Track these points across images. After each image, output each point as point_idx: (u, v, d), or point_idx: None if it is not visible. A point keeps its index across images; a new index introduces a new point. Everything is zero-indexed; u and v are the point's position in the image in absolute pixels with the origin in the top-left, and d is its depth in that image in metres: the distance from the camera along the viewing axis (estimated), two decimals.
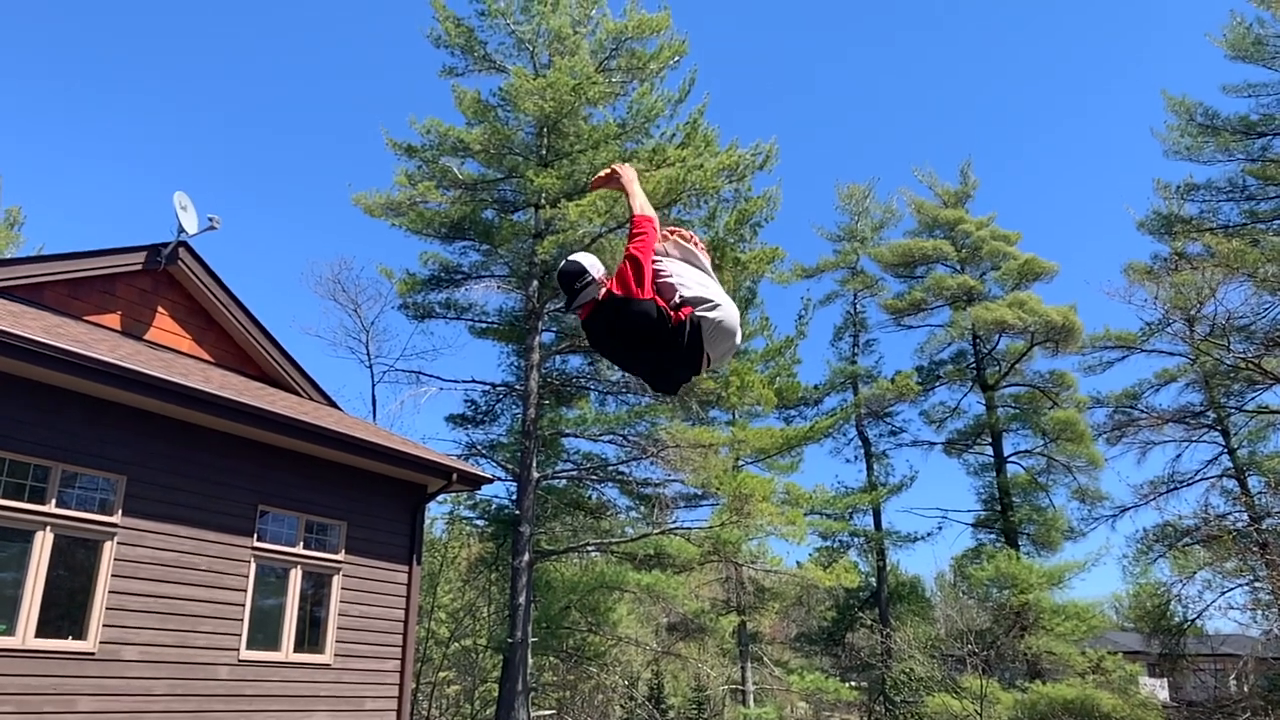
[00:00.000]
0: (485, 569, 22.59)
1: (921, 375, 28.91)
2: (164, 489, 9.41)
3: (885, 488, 29.28)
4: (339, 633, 11.01)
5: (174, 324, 11.39)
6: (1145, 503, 24.75)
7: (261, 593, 10.35)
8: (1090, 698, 20.29)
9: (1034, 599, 22.85)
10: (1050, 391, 27.11)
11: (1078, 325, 25.96)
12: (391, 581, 11.85)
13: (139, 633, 8.95)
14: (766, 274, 23.94)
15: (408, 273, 21.42)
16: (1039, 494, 26.69)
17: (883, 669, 25.42)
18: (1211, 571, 20.74)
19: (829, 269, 31.70)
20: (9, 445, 8.26)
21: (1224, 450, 24.75)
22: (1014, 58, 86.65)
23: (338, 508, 11.31)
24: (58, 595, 8.58)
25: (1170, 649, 22.46)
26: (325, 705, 10.65)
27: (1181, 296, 22.70)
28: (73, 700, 8.35)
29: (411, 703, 13.23)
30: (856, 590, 27.67)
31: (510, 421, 22.01)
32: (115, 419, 9.10)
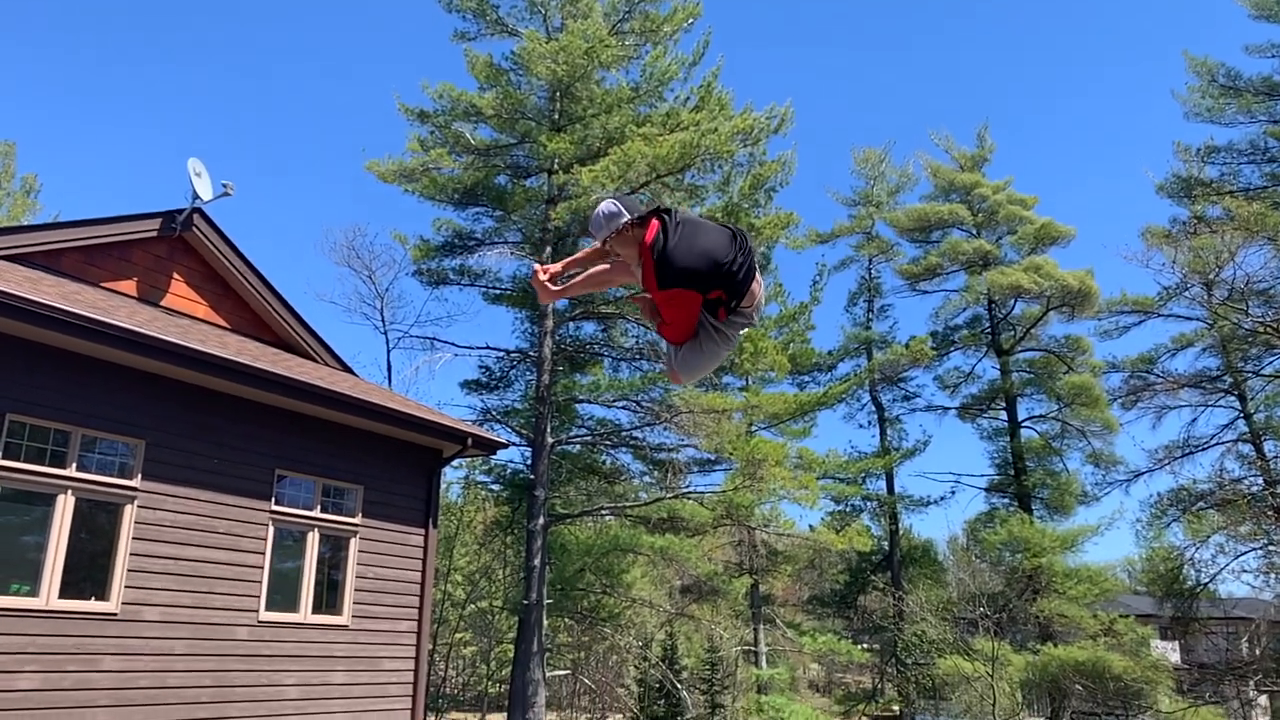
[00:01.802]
0: (500, 532, 22.80)
1: (936, 340, 28.84)
2: (183, 453, 9.54)
3: (898, 452, 29.33)
4: (356, 594, 11.17)
5: (190, 290, 11.47)
6: (1160, 467, 24.71)
7: (279, 555, 10.51)
8: (1101, 660, 20.40)
9: (1047, 563, 22.91)
10: (1065, 356, 27.01)
11: (1094, 290, 25.79)
12: (408, 544, 12.00)
13: (160, 594, 9.12)
14: (781, 239, 23.85)
15: (421, 239, 21.47)
16: (1053, 458, 26.68)
17: (894, 631, 25.60)
18: (1225, 536, 20.73)
19: (844, 234, 31.54)
20: (29, 410, 8.38)
21: (1240, 415, 24.63)
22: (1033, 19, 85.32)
23: (354, 472, 11.43)
24: (80, 558, 8.74)
25: (1182, 612, 22.52)
26: (343, 665, 10.84)
27: (1200, 260, 22.50)
28: (97, 659, 8.53)
29: (428, 663, 13.45)
30: (869, 554, 27.81)
31: (524, 387, 22.12)
32: (133, 384, 9.20)
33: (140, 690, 8.79)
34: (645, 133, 17.86)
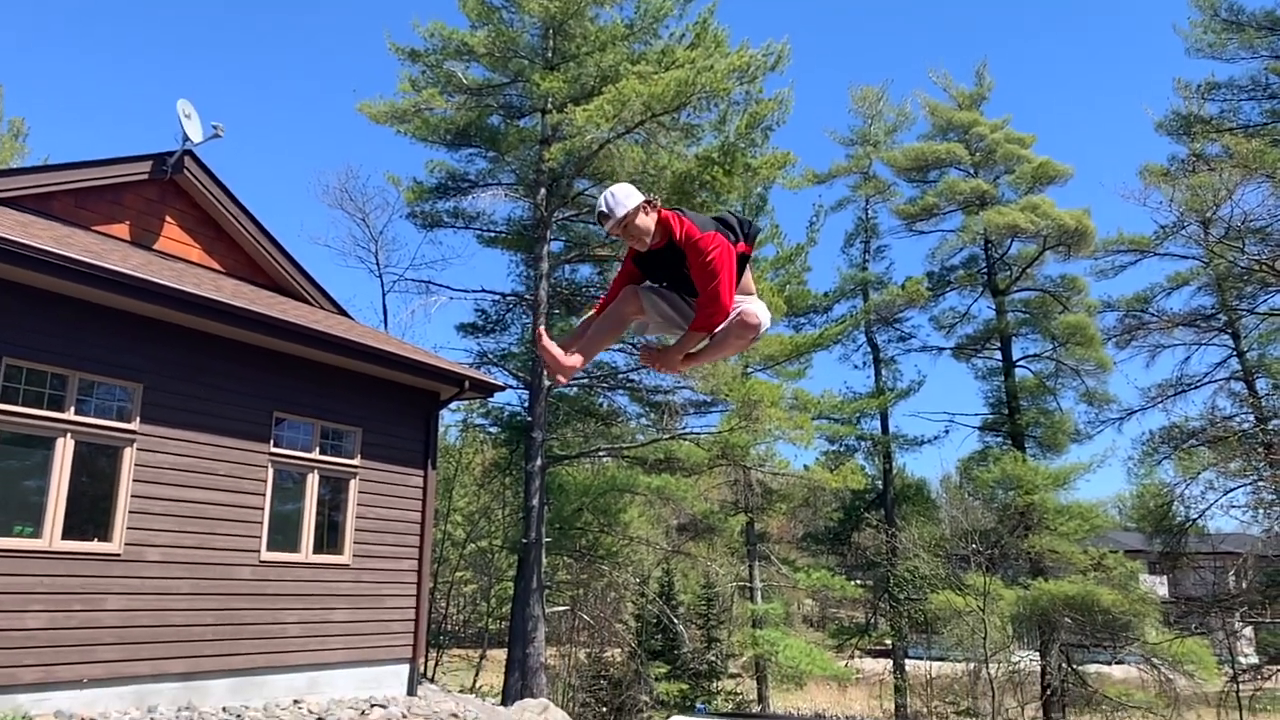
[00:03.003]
0: (499, 474, 23.02)
1: (932, 281, 28.78)
2: (180, 397, 9.60)
3: (893, 392, 29.44)
4: (357, 534, 11.33)
5: (183, 234, 11.44)
6: (1152, 405, 24.88)
7: (280, 497, 10.64)
8: (1091, 593, 20.76)
9: (1039, 500, 23.18)
10: (1061, 296, 27.00)
11: (1091, 229, 25.69)
12: (407, 485, 12.14)
13: (162, 535, 9.25)
14: (778, 179, 23.67)
15: (415, 181, 21.29)
16: (1047, 397, 26.83)
17: (887, 567, 26.00)
18: (1215, 472, 20.97)
19: (841, 174, 31.27)
20: (25, 354, 8.41)
21: (1233, 353, 24.74)
22: None
23: (353, 414, 11.52)
24: (81, 500, 8.84)
25: (1171, 547, 22.87)
26: (345, 603, 11.03)
27: (1197, 199, 22.40)
28: (101, 599, 8.69)
29: (429, 601, 13.68)
30: (863, 492, 28.10)
31: (521, 331, 22.14)
32: (129, 328, 9.22)
33: (145, 628, 8.97)
34: (640, 70, 17.62)
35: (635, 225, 3.17)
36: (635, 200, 3.16)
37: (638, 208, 3.17)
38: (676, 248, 3.21)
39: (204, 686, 9.39)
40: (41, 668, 8.14)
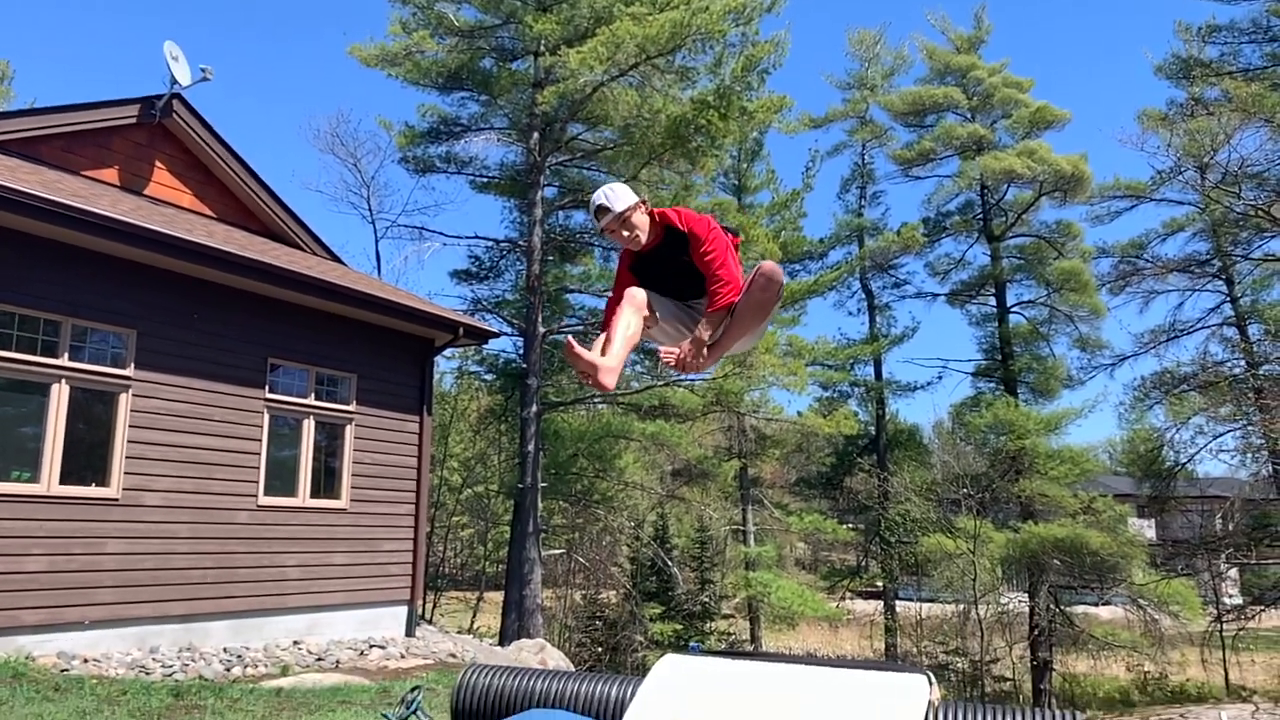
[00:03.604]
0: (495, 420, 23.14)
1: (927, 227, 28.69)
2: (174, 343, 9.62)
3: (887, 339, 29.53)
4: (354, 479, 11.44)
5: (173, 179, 11.36)
6: (1145, 351, 24.99)
7: (276, 443, 10.71)
8: (1080, 536, 21.05)
9: (1030, 444, 23.38)
10: (1056, 242, 26.95)
11: (1087, 174, 25.56)
12: (403, 431, 12.22)
13: (159, 480, 9.33)
14: (774, 123, 23.47)
15: (406, 125, 21.09)
16: (1040, 343, 26.92)
17: (879, 511, 26.30)
18: (1206, 417, 21.14)
19: (837, 118, 31.00)
20: (17, 300, 8.40)
21: (1226, 299, 24.79)
22: None
23: (347, 361, 11.55)
24: (79, 446, 8.90)
25: (1160, 491, 23.13)
26: (343, 547, 11.17)
27: (1195, 143, 22.27)
28: (101, 542, 8.80)
29: (427, 544, 13.84)
30: (855, 438, 28.32)
31: (515, 278, 22.09)
32: (121, 274, 9.21)
33: (145, 571, 9.10)
34: (634, 12, 17.36)
35: (631, 221, 3.26)
36: (632, 198, 3.28)
37: (635, 204, 3.27)
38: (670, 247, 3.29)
39: (204, 628, 9.55)
40: (43, 610, 8.27)
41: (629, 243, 3.33)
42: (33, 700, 6.69)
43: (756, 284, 3.17)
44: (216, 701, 7.05)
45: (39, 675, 7.37)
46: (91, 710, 6.53)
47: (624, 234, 3.29)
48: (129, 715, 6.48)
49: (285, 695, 7.51)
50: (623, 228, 3.27)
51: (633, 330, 3.24)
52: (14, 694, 6.78)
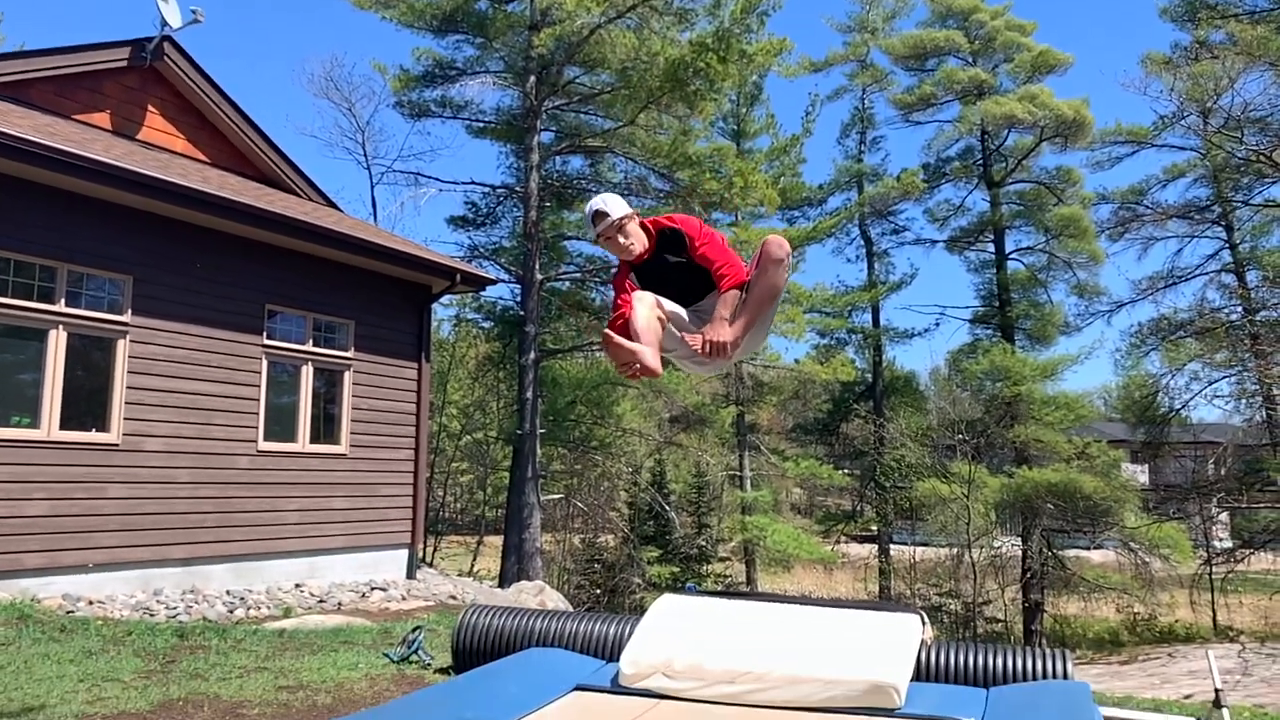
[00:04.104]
0: (493, 367, 23.18)
1: (927, 173, 28.50)
2: (171, 289, 9.61)
3: (885, 285, 29.51)
4: (353, 425, 11.50)
5: (166, 123, 11.24)
6: (1143, 298, 25.03)
7: (275, 390, 10.75)
8: (1073, 481, 21.25)
9: (1026, 391, 23.50)
10: (1056, 188, 26.81)
11: (1089, 120, 25.34)
12: (401, 378, 12.26)
13: (159, 425, 9.38)
14: (773, 67, 23.19)
15: (401, 69, 20.80)
16: (1038, 290, 26.92)
17: (875, 457, 26.50)
18: (1201, 363, 21.23)
19: (838, 62, 30.61)
20: (12, 246, 8.37)
21: (1225, 245, 24.76)
22: None
23: (345, 307, 11.55)
24: (78, 392, 8.94)
25: (1154, 437, 23.31)
26: (343, 492, 11.28)
27: (1199, 88, 22.06)
28: (102, 487, 8.87)
29: (426, 490, 13.96)
30: (852, 384, 28.43)
31: (511, 224, 21.97)
32: (116, 220, 9.16)
33: (147, 515, 9.19)
34: None
35: (627, 229, 3.32)
36: (628, 207, 3.34)
37: (630, 213, 3.34)
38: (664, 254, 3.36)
39: (206, 571, 9.67)
40: (46, 553, 8.37)
41: (623, 252, 3.35)
42: (39, 641, 6.81)
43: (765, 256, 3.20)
44: (220, 642, 7.17)
45: (44, 616, 7.49)
46: (97, 650, 6.65)
47: (620, 240, 3.32)
48: (134, 655, 6.59)
49: (288, 636, 7.64)
50: (619, 234, 3.31)
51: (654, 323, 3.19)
52: (20, 635, 6.90)
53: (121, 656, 6.52)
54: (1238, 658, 13.73)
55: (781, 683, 5.05)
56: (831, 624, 5.66)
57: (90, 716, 5.00)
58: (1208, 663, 5.71)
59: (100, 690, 5.58)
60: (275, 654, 6.85)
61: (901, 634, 5.45)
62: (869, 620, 5.69)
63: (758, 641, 5.34)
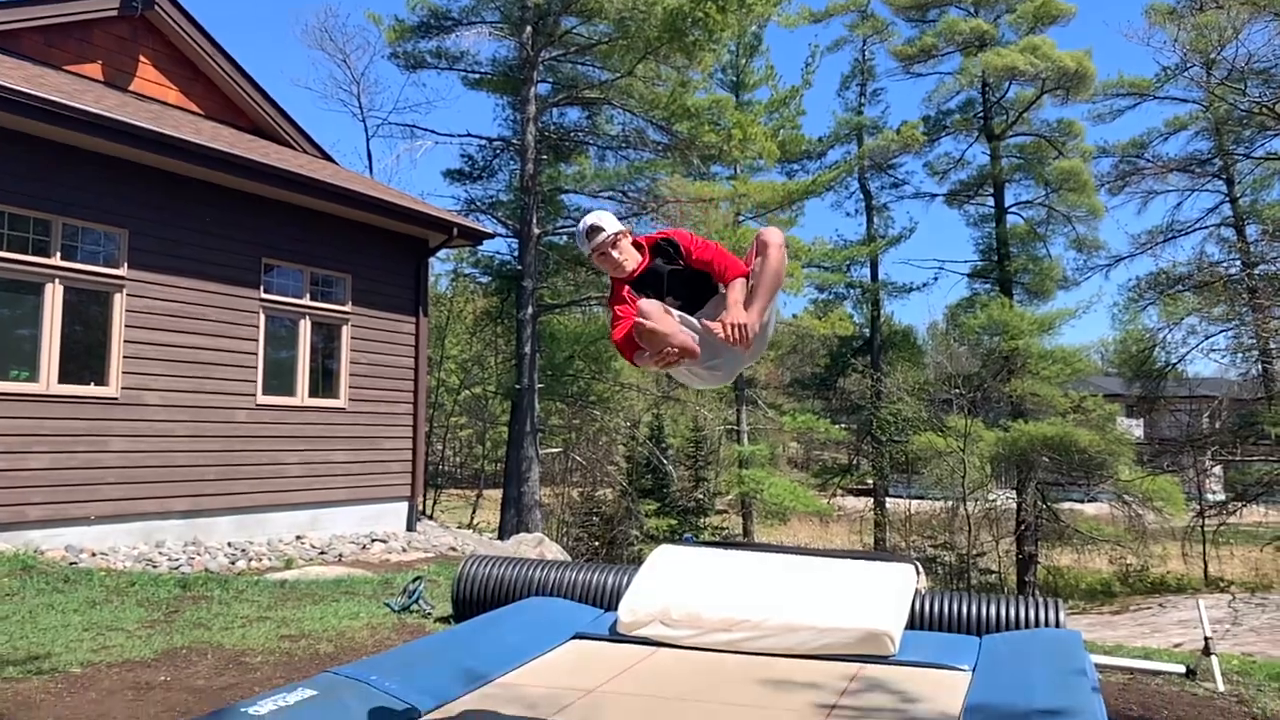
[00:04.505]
0: (490, 322, 23.16)
1: (927, 126, 28.26)
2: (167, 242, 9.57)
3: (884, 240, 29.41)
4: (351, 379, 11.53)
5: (158, 74, 11.11)
6: (1142, 252, 24.98)
7: (274, 345, 10.75)
8: (1069, 434, 21.38)
9: (1023, 345, 23.55)
10: (1057, 141, 26.60)
11: (1091, 71, 25.08)
12: (399, 332, 12.27)
13: (158, 379, 9.40)
14: (773, 17, 22.94)
15: (396, 19, 20.52)
16: (1037, 244, 26.84)
17: (871, 411, 26.61)
18: (1199, 317, 21.26)
19: (838, 12, 30.18)
20: (3, 198, 8.32)
21: (1225, 199, 24.65)
22: None
23: (342, 261, 11.52)
24: (76, 347, 8.95)
25: (1150, 391, 23.41)
26: (343, 445, 11.33)
27: (1202, 39, 21.79)
28: (103, 440, 8.91)
29: (426, 444, 14.03)
30: (850, 339, 28.48)
31: (509, 177, 21.80)
32: (110, 172, 9.10)
33: (148, 468, 9.24)
34: None
35: (621, 245, 3.33)
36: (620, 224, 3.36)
37: (624, 229, 3.37)
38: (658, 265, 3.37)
39: (208, 524, 9.75)
40: (49, 505, 8.43)
41: (617, 269, 3.35)
42: (43, 591, 6.89)
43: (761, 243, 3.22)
44: (223, 592, 7.25)
45: (48, 568, 7.56)
46: (101, 600, 6.73)
47: (614, 256, 3.33)
48: (138, 605, 6.67)
49: (290, 587, 7.72)
50: (613, 249, 3.32)
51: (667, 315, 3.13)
52: (24, 585, 6.97)
53: (125, 606, 6.60)
54: (1228, 608, 13.91)
55: (777, 630, 5.13)
56: (827, 573, 5.73)
57: (95, 664, 5.08)
58: (1198, 612, 5.80)
59: (105, 639, 5.66)
60: (277, 604, 6.94)
61: (896, 583, 5.52)
62: (864, 569, 5.76)
63: (754, 590, 5.42)
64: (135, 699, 4.53)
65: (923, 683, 4.57)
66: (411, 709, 4.00)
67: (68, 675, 4.85)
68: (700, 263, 3.35)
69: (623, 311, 3.26)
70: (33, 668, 4.94)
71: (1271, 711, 4.70)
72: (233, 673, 5.05)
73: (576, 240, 3.47)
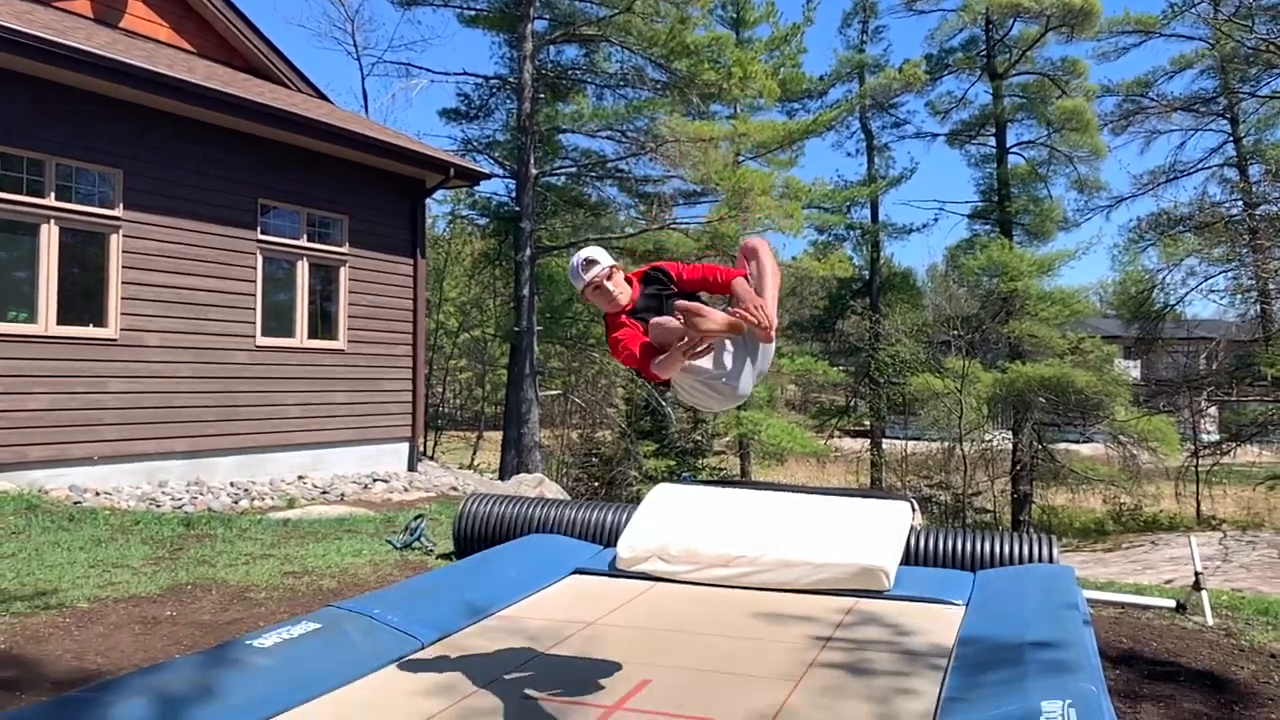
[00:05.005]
0: (488, 264, 23.07)
1: (930, 64, 27.82)
2: (162, 183, 9.50)
3: (885, 180, 29.17)
4: (350, 321, 11.53)
5: (149, 11, 10.93)
6: (1143, 192, 24.81)
7: (272, 287, 10.73)
8: (1066, 375, 21.45)
9: (1022, 286, 23.50)
10: (1060, 80, 26.23)
11: (1096, 8, 24.64)
12: (397, 273, 12.24)
13: (157, 320, 9.41)
14: None
15: None
16: (1038, 185, 26.63)
17: (870, 353, 26.64)
18: (1198, 258, 21.18)
19: None
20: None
21: (1229, 138, 24.41)
22: None
23: (339, 202, 11.45)
24: (74, 289, 8.93)
25: (1148, 333, 23.42)
26: (343, 386, 11.37)
27: None
28: (103, 381, 8.94)
29: (425, 386, 14.07)
30: (849, 281, 28.40)
31: (505, 117, 21.54)
32: (103, 112, 9.00)
33: (149, 409, 9.28)
34: None
35: (615, 279, 3.37)
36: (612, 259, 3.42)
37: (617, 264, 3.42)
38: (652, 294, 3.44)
39: (210, 464, 9.83)
40: (51, 446, 8.49)
41: (611, 302, 3.39)
42: (48, 530, 6.97)
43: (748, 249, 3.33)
44: (226, 531, 7.33)
45: (52, 507, 7.64)
46: (106, 539, 6.81)
47: (608, 288, 3.37)
48: (142, 543, 6.75)
49: (292, 525, 7.81)
50: (609, 281, 3.37)
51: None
52: (29, 524, 7.05)
53: (130, 544, 6.68)
54: (1218, 545, 14.09)
55: (773, 566, 5.21)
56: (823, 510, 5.80)
57: (102, 600, 5.16)
58: (1189, 548, 5.87)
59: (110, 575, 5.74)
60: (280, 542, 7.02)
61: (892, 519, 5.59)
62: (860, 506, 5.83)
63: (751, 527, 5.49)
64: (142, 633, 4.61)
65: (917, 616, 4.66)
66: (414, 641, 4.08)
67: (75, 610, 4.93)
68: (693, 283, 3.45)
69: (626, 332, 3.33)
70: (41, 603, 5.02)
71: (1258, 643, 4.79)
72: (237, 608, 5.13)
73: (570, 276, 3.47)
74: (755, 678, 3.74)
